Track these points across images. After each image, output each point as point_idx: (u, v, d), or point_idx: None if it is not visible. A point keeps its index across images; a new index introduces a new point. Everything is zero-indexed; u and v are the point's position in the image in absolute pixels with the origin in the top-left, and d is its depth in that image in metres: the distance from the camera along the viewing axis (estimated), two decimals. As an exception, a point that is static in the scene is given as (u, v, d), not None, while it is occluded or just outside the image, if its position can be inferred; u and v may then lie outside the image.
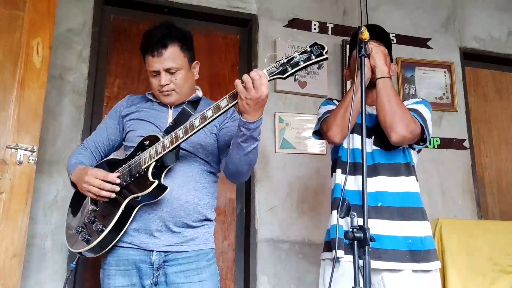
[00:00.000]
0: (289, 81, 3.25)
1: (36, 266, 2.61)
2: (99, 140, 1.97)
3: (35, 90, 2.38)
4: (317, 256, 3.04)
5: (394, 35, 3.65)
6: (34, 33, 2.43)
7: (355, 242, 1.41)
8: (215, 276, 1.82)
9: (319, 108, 2.17)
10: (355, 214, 1.45)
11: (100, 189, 1.71)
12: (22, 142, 2.31)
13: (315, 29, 3.47)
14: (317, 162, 3.24)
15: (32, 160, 2.31)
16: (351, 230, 1.41)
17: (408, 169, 1.97)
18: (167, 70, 1.83)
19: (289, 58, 1.53)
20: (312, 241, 3.09)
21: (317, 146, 3.26)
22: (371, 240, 1.40)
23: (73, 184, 1.85)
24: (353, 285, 1.39)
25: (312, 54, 1.52)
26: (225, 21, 3.38)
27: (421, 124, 1.90)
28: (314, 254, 3.05)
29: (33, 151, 2.32)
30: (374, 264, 1.79)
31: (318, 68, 1.56)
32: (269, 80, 1.55)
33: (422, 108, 1.96)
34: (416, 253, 1.83)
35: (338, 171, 2.00)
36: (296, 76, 1.55)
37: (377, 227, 1.84)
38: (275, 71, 1.55)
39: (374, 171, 1.93)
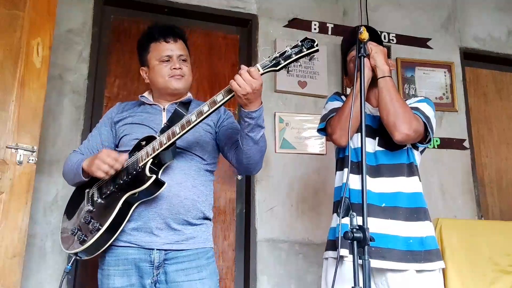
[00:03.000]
0: (289, 81, 3.28)
1: (36, 266, 2.61)
2: (93, 146, 1.96)
3: (35, 90, 2.38)
4: (317, 256, 3.06)
5: (394, 35, 3.66)
6: (34, 33, 2.43)
7: (355, 242, 1.40)
8: (214, 275, 1.83)
9: (326, 102, 2.17)
10: (354, 214, 1.45)
11: (111, 166, 1.72)
12: (22, 142, 2.31)
13: (315, 29, 3.47)
14: (317, 162, 3.24)
15: (32, 160, 2.31)
16: (350, 230, 1.41)
17: (411, 170, 1.97)
18: (179, 57, 1.93)
19: (281, 52, 1.61)
20: (312, 241, 3.09)
21: (317, 146, 3.26)
22: (370, 240, 1.40)
23: (84, 174, 1.82)
24: (353, 285, 1.39)
25: (303, 47, 1.60)
26: (225, 21, 3.38)
27: (424, 122, 1.90)
28: (314, 254, 3.06)
29: (33, 151, 2.32)
30: (379, 263, 1.81)
31: (310, 59, 1.64)
32: (263, 73, 1.62)
33: (424, 106, 1.96)
34: (417, 253, 1.84)
35: (346, 170, 1.98)
36: (289, 68, 1.62)
37: (381, 227, 1.85)
38: (268, 64, 1.62)
39: (378, 171, 1.93)
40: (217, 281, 1.83)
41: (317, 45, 1.60)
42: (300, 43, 1.60)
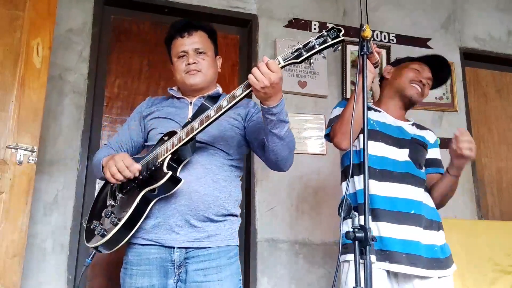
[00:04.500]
0: (289, 81, 3.28)
1: (36, 266, 2.61)
2: (122, 140, 1.96)
3: (35, 90, 2.38)
4: (318, 256, 3.06)
5: (394, 35, 3.66)
6: (34, 33, 2.43)
7: (357, 241, 1.40)
8: (235, 275, 1.77)
9: (334, 107, 2.17)
10: (356, 213, 1.45)
11: (119, 172, 1.69)
12: (22, 142, 2.31)
13: (315, 29, 3.47)
14: (317, 162, 3.23)
15: (32, 160, 2.31)
16: (352, 229, 1.41)
17: (426, 187, 2.05)
18: (196, 50, 1.88)
19: (305, 43, 1.51)
20: (312, 241, 3.09)
21: (317, 146, 3.26)
22: (372, 240, 1.40)
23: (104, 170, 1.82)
24: (354, 285, 1.39)
25: (328, 37, 1.50)
26: (225, 21, 3.38)
27: None
28: (314, 254, 3.06)
29: (33, 151, 2.32)
30: (409, 270, 1.83)
31: (334, 51, 1.52)
32: (284, 66, 1.54)
33: (439, 154, 2.17)
34: (441, 260, 1.89)
35: (361, 177, 1.96)
36: (311, 60, 1.52)
37: (411, 234, 1.87)
38: (289, 56, 1.53)
39: (406, 178, 1.96)
40: (238, 281, 1.77)
41: (343, 35, 1.49)
42: (325, 33, 1.50)
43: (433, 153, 2.16)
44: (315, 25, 3.48)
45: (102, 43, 3.11)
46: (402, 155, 1.99)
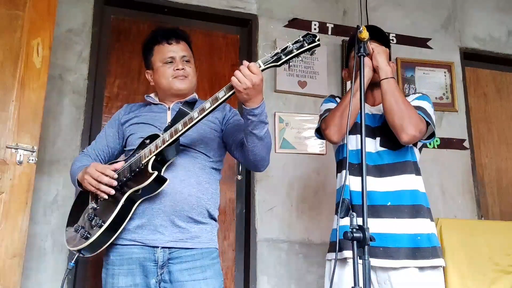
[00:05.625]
0: (289, 81, 3.29)
1: (36, 266, 2.61)
2: (99, 148, 1.99)
3: (35, 90, 2.38)
4: (317, 256, 3.06)
5: (394, 35, 3.66)
6: (34, 33, 2.43)
7: (355, 242, 1.40)
8: (219, 275, 1.83)
9: (321, 105, 2.18)
10: (354, 214, 1.45)
11: (98, 181, 1.74)
12: (22, 142, 2.31)
13: (315, 29, 3.47)
14: (317, 162, 3.24)
15: (32, 160, 2.31)
16: (350, 230, 1.41)
17: (413, 168, 1.97)
18: (183, 58, 1.96)
19: (283, 48, 1.61)
20: (312, 241, 3.09)
21: (317, 146, 3.26)
22: (370, 240, 1.40)
23: (79, 185, 1.87)
24: (353, 285, 1.39)
25: (304, 42, 1.61)
26: (225, 21, 3.38)
27: (427, 121, 1.92)
28: (314, 254, 3.06)
29: (33, 151, 2.32)
30: (387, 263, 1.82)
31: (311, 54, 1.62)
32: (264, 69, 1.62)
33: (425, 105, 1.98)
34: (425, 249, 1.84)
35: (343, 172, 1.99)
36: (290, 64, 1.62)
37: (388, 226, 1.86)
38: (269, 60, 1.62)
39: (382, 171, 1.94)
40: (221, 282, 1.83)
41: (318, 40, 1.60)
42: (301, 38, 1.61)
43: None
44: (315, 25, 3.49)
45: (102, 43, 3.11)
46: (375, 145, 1.98)
